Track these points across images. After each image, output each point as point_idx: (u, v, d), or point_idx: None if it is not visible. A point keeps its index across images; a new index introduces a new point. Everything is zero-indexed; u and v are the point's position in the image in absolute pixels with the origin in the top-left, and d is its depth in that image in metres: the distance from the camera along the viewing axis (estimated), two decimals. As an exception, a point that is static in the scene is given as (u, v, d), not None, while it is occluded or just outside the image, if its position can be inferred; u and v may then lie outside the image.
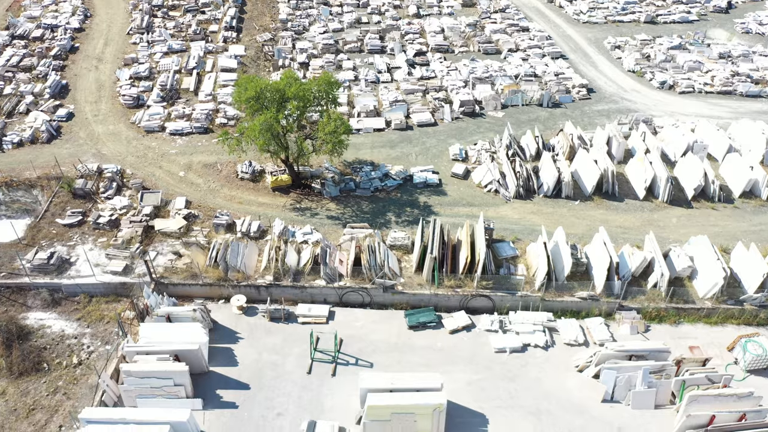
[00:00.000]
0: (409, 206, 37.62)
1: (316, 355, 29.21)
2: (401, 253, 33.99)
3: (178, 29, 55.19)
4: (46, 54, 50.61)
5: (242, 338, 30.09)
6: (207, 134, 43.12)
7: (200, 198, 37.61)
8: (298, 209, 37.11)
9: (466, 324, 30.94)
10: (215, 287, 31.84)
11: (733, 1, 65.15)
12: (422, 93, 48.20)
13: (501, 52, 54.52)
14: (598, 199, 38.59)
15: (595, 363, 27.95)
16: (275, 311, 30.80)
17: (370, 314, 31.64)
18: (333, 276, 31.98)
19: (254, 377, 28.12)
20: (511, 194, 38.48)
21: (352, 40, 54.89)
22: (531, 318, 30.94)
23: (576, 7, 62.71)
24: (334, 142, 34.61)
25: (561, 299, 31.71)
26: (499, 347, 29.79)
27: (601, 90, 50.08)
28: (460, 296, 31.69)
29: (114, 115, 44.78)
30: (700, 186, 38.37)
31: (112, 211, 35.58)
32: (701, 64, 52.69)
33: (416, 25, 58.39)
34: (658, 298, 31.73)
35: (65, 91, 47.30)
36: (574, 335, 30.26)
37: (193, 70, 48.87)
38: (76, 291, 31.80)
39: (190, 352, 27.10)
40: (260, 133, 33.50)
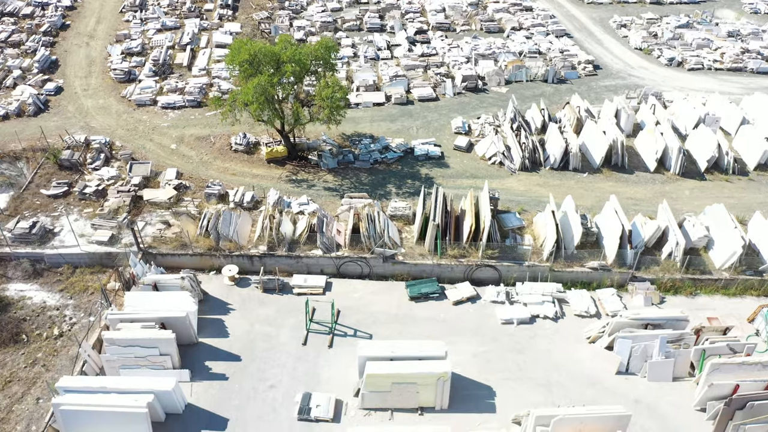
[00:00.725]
0: (410, 178, 36.01)
1: (312, 327, 27.56)
2: (402, 224, 32.37)
3: (172, 7, 53.67)
4: (35, 30, 49.09)
5: (234, 309, 28.44)
6: (200, 107, 41.53)
7: (192, 170, 36.01)
8: (294, 181, 35.50)
9: (471, 295, 29.29)
10: (206, 257, 30.20)
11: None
12: (423, 69, 46.65)
13: (504, 30, 53.02)
14: (607, 171, 37.00)
15: (608, 333, 26.29)
16: (269, 282, 29.15)
17: (369, 285, 30.00)
18: (330, 246, 30.34)
19: (246, 349, 26.46)
20: (517, 166, 36.89)
21: (351, 19, 53.40)
22: (539, 289, 29.29)
23: (580, -13, 61.28)
24: (332, 108, 32.97)
25: (571, 270, 30.07)
26: (506, 318, 28.14)
27: (608, 67, 48.55)
28: (465, 266, 30.04)
29: (104, 90, 43.21)
30: (713, 157, 36.79)
31: (99, 181, 33.97)
32: (710, 42, 51.19)
33: (417, 4, 56.90)
34: (673, 269, 30.09)
35: (54, 67, 45.74)
36: (585, 306, 28.62)
37: (186, 45, 47.33)
38: (60, 261, 30.15)
39: (177, 319, 25.43)
40: (254, 97, 31.88)
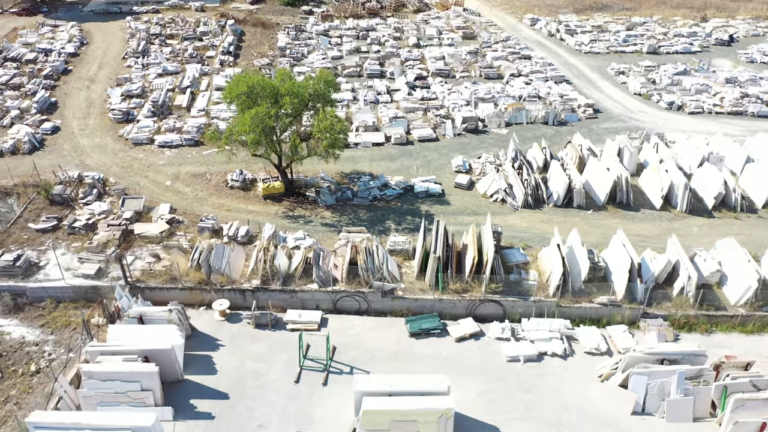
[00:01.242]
0: (409, 215, 35.03)
1: (305, 363, 25.93)
2: (401, 259, 31.13)
3: (174, 54, 54.19)
4: (37, 74, 49.29)
5: (223, 345, 26.87)
6: (197, 146, 41.03)
7: (186, 206, 35.08)
8: (291, 217, 34.51)
9: (474, 331, 27.75)
10: (196, 291, 28.83)
11: (735, 35, 64.70)
12: (423, 111, 46.51)
13: (503, 76, 53.28)
14: (612, 209, 36.05)
15: (621, 369, 24.64)
16: (261, 317, 27.69)
17: (367, 321, 28.49)
18: (327, 280, 29.03)
19: (234, 386, 24.76)
20: (519, 203, 35.97)
21: (351, 66, 53.78)
22: (546, 325, 27.76)
23: (577, 39, 62.10)
24: (330, 140, 32.32)
25: (578, 305, 28.62)
26: (512, 356, 26.52)
27: (608, 110, 48.43)
28: (467, 302, 28.63)
29: (101, 130, 42.86)
30: (720, 194, 35.90)
31: (89, 215, 32.97)
32: (709, 87, 51.30)
33: (416, 52, 57.51)
34: (686, 305, 28.66)
35: (53, 108, 45.61)
36: (595, 343, 27.03)
37: (186, 89, 47.36)
38: (42, 295, 28.78)
39: (162, 352, 23.87)
40: (251, 127, 31.31)
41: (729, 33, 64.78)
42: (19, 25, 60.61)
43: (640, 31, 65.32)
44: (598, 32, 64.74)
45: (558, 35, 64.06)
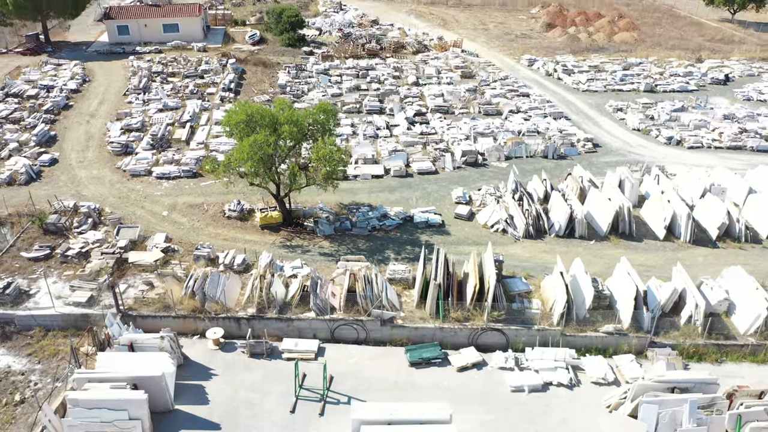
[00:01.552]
0: (409, 245, 34.45)
1: (301, 393, 24.95)
2: (401, 288, 30.41)
3: (175, 91, 54.58)
4: (38, 109, 49.49)
5: (216, 375, 25.91)
6: (195, 178, 40.77)
7: (182, 235, 34.52)
8: (288, 246, 33.93)
9: (477, 361, 26.82)
10: (190, 320, 28.00)
11: (731, 75, 65.49)
12: (422, 145, 46.48)
13: (501, 113, 53.54)
14: (615, 239, 35.51)
15: (630, 398, 23.67)
16: (256, 345, 26.79)
17: (365, 350, 27.57)
18: (324, 308, 28.24)
19: (227, 417, 23.74)
20: (520, 234, 35.45)
21: (351, 102, 54.12)
22: (551, 354, 26.85)
23: (575, 78, 62.80)
24: (329, 169, 32.04)
25: (584, 334, 27.76)
26: (516, 385, 25.55)
27: (607, 145, 48.46)
28: (469, 330, 27.78)
29: (100, 162, 42.69)
30: (724, 225, 35.44)
31: (83, 244, 32.38)
32: (707, 123, 51.50)
33: (416, 90, 58.02)
34: (695, 334, 27.82)
35: (52, 142, 45.55)
36: (602, 373, 26.08)
37: (186, 123, 47.46)
38: (31, 324, 27.93)
39: (152, 379, 22.93)
40: (249, 155, 31.06)
41: (724, 73, 65.58)
42: (23, 63, 61.31)
43: (637, 71, 66.15)
44: (595, 72, 65.55)
45: (555, 75, 64.81)
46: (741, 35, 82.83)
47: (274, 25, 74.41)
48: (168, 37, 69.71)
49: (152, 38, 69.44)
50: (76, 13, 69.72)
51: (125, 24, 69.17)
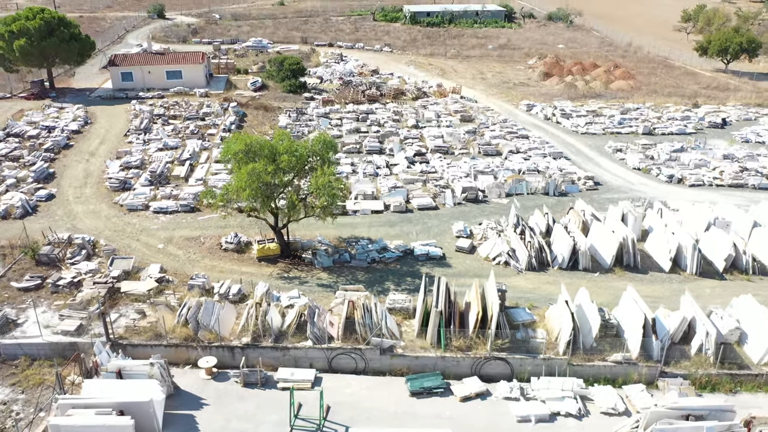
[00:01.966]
0: (409, 276, 33.69)
1: (296, 423, 23.76)
2: (401, 318, 29.48)
3: (176, 131, 54.85)
4: (38, 148, 49.57)
5: (208, 404, 24.76)
6: (193, 212, 40.33)
7: (178, 267, 33.81)
8: (286, 278, 33.16)
9: (480, 391, 25.69)
10: (182, 349, 27.00)
11: (728, 119, 66.00)
12: (422, 183, 46.28)
13: (501, 153, 53.59)
14: (619, 271, 34.75)
15: (643, 426, 22.45)
16: (250, 374, 25.71)
17: (364, 380, 26.46)
18: (321, 337, 27.27)
19: (218, 448, 22.50)
20: (523, 266, 34.72)
21: (351, 143, 54.29)
22: (558, 384, 25.72)
23: (573, 122, 63.24)
24: (328, 196, 31.61)
25: (591, 364, 26.70)
26: (523, 416, 24.35)
27: (608, 183, 48.23)
28: (472, 360, 26.73)
29: (97, 197, 42.34)
30: (731, 256, 34.75)
31: (75, 273, 31.64)
32: (707, 162, 51.47)
33: (415, 131, 58.34)
34: (707, 364, 26.75)
35: (50, 178, 45.35)
36: (611, 403, 24.91)
37: (186, 161, 47.42)
38: (17, 353, 26.95)
39: (139, 406, 21.83)
40: (247, 183, 30.69)
41: (722, 117, 66.11)
42: (26, 107, 61.91)
43: (634, 115, 66.72)
44: (593, 116, 66.10)
45: (554, 119, 65.31)
46: (736, 83, 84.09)
47: (275, 72, 75.62)
48: (171, 83, 70.67)
49: (155, 84, 70.37)
50: (81, 61, 70.89)
51: (129, 71, 70.27)
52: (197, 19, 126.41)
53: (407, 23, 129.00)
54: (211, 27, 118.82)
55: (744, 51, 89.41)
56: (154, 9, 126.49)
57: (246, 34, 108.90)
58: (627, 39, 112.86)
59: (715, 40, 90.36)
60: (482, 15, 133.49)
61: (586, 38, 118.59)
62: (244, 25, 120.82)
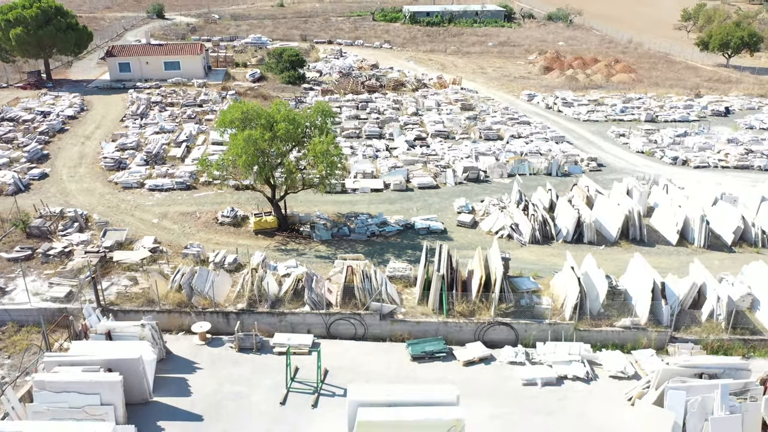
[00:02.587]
0: (410, 249, 32.83)
1: (293, 386, 22.81)
2: (401, 286, 28.60)
3: (173, 117, 54.10)
4: (32, 131, 48.80)
5: (201, 369, 23.84)
6: (189, 190, 39.49)
7: (172, 240, 32.93)
8: (283, 250, 32.29)
9: (484, 355, 24.75)
10: (175, 314, 26.08)
11: (731, 108, 65.33)
12: (423, 164, 45.48)
13: (502, 138, 52.83)
14: (625, 244, 33.89)
15: (655, 385, 21.51)
16: (245, 339, 24.78)
17: (363, 346, 25.56)
18: (319, 302, 26.37)
19: (210, 409, 21.55)
20: (527, 239, 33.87)
21: (350, 128, 53.56)
22: (565, 349, 24.79)
23: (575, 110, 62.56)
24: (327, 164, 30.80)
25: (599, 329, 25.79)
26: (528, 379, 23.42)
27: (612, 165, 47.46)
28: (475, 325, 25.82)
29: (91, 176, 41.52)
30: (740, 228, 33.92)
31: (67, 244, 30.77)
32: (712, 145, 50.73)
33: (416, 119, 57.63)
34: (718, 329, 25.83)
35: (44, 159, 44.54)
36: (621, 366, 23.98)
37: (182, 142, 46.64)
38: (4, 319, 26.05)
39: (128, 363, 20.89)
40: (243, 149, 29.88)
41: (725, 106, 65.44)
42: (22, 96, 61.22)
43: (636, 104, 66.05)
44: (595, 105, 65.43)
45: (555, 107, 64.65)
46: (738, 76, 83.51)
47: (274, 64, 75.02)
48: (169, 74, 69.99)
49: (153, 75, 69.71)
50: (78, 51, 70.30)
51: (127, 61, 69.60)
52: (196, 18, 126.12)
53: (407, 23, 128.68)
54: (210, 26, 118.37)
55: (745, 45, 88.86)
56: (154, 9, 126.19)
57: (245, 32, 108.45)
58: (627, 36, 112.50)
59: (716, 34, 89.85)
60: (482, 15, 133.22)
61: (586, 36, 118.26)
62: (243, 25, 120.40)
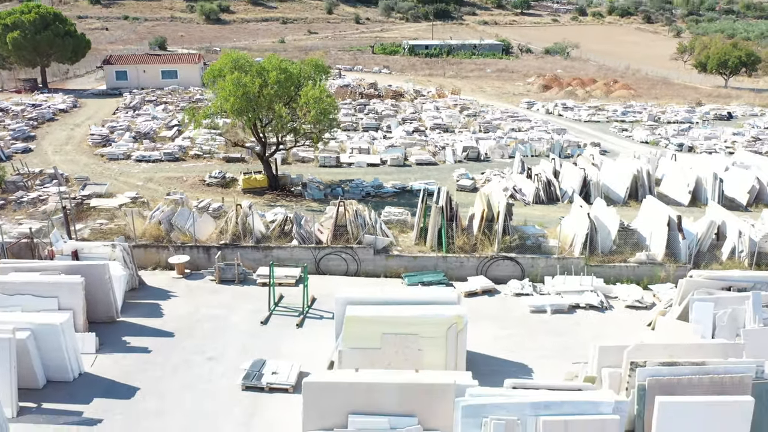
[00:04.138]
0: (407, 207, 30.99)
1: (277, 311, 20.63)
2: (397, 231, 26.66)
3: (167, 111, 53.08)
4: (21, 117, 47.65)
5: (176, 296, 21.67)
6: (177, 161, 37.92)
7: (156, 197, 31.13)
8: (273, 206, 30.43)
9: (487, 287, 22.64)
10: (152, 250, 24.08)
11: (734, 113, 64.51)
12: (421, 146, 44.07)
13: (503, 130, 51.62)
14: (635, 204, 31.97)
15: (678, 300, 19.35)
16: (227, 269, 22.71)
17: (356, 281, 23.43)
18: (308, 239, 24.42)
19: (183, 327, 19.38)
20: (530, 198, 32.10)
21: (347, 121, 52.45)
22: (576, 282, 22.69)
23: (576, 113, 61.71)
24: (319, 111, 29.35)
25: (612, 264, 23.75)
26: (537, 306, 21.24)
27: (615, 152, 46.00)
28: (477, 260, 23.79)
29: (77, 151, 40.09)
30: (755, 188, 32.20)
31: (42, 192, 29.01)
32: (717, 136, 49.49)
33: (414, 114, 56.66)
34: (740, 268, 23.72)
35: (30, 139, 43.15)
36: (638, 296, 21.85)
37: (174, 126, 45.42)
38: (-34, 252, 23.97)
39: (93, 269, 18.83)
40: (231, 92, 28.49)
41: (727, 111, 64.66)
42: (16, 97, 60.45)
43: (638, 109, 65.27)
44: (596, 110, 64.63)
45: (555, 112, 63.82)
46: (738, 93, 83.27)
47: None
48: (166, 83, 69.64)
49: (150, 84, 69.32)
50: (75, 59, 70.10)
51: (124, 69, 69.37)
52: (198, 50, 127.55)
53: (406, 55, 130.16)
54: (210, 55, 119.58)
55: (743, 65, 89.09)
56: (156, 42, 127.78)
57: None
58: (624, 64, 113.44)
59: (713, 54, 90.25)
60: (480, 48, 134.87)
61: (584, 66, 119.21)
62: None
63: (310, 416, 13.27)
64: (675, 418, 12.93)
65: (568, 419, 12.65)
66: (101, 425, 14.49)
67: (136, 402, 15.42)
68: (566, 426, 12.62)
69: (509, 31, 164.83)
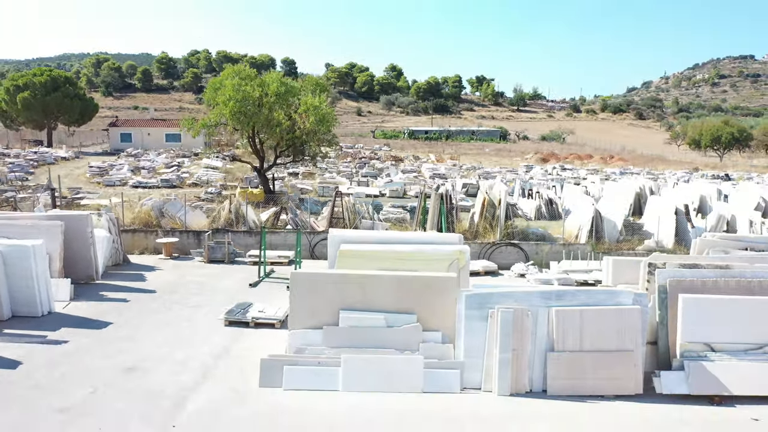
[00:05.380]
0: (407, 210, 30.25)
1: (268, 280, 19.44)
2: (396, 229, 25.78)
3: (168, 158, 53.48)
4: (23, 158, 47.84)
5: (162, 270, 20.50)
6: (174, 189, 37.54)
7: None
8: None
9: (490, 269, 21.51)
10: (140, 234, 23.14)
11: (731, 175, 65.03)
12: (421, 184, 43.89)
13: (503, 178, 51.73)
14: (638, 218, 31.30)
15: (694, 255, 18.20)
16: (216, 248, 21.67)
17: (351, 263, 22.22)
18: (303, 226, 23.55)
19: (165, 287, 18.11)
20: (532, 215, 31.41)
21: (346, 170, 52.72)
22: (583, 265, 21.58)
23: (574, 173, 62.23)
24: (317, 118, 29.31)
25: (618, 251, 22.68)
26: (544, 280, 20.02)
27: (616, 194, 45.77)
28: (479, 246, 22.76)
29: (75, 182, 39.77)
30: (761, 206, 31.51)
31: (30, 190, 28.39)
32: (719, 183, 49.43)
33: (414, 167, 57.02)
34: (756, 256, 22.69)
35: (28, 174, 42.96)
36: (649, 275, 20.63)
37: (174, 166, 45.48)
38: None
39: (75, 219, 17.91)
40: (231, 95, 28.57)
41: (725, 172, 65.19)
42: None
43: (635, 171, 65.87)
44: (594, 171, 65.20)
45: (555, 172, 64.29)
46: (733, 164, 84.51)
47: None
48: (170, 145, 70.68)
49: (154, 146, 70.30)
50: (83, 121, 71.61)
51: (129, 132, 70.68)
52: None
53: (406, 139, 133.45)
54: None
55: (736, 141, 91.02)
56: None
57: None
58: (620, 145, 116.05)
59: (706, 131, 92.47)
60: (478, 134, 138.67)
61: (580, 148, 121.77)
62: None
63: (298, 313, 11.98)
64: (702, 315, 11.67)
65: (584, 309, 11.42)
66: (66, 345, 13.09)
67: (108, 331, 14.06)
68: (581, 316, 11.37)
69: (506, 123, 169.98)
